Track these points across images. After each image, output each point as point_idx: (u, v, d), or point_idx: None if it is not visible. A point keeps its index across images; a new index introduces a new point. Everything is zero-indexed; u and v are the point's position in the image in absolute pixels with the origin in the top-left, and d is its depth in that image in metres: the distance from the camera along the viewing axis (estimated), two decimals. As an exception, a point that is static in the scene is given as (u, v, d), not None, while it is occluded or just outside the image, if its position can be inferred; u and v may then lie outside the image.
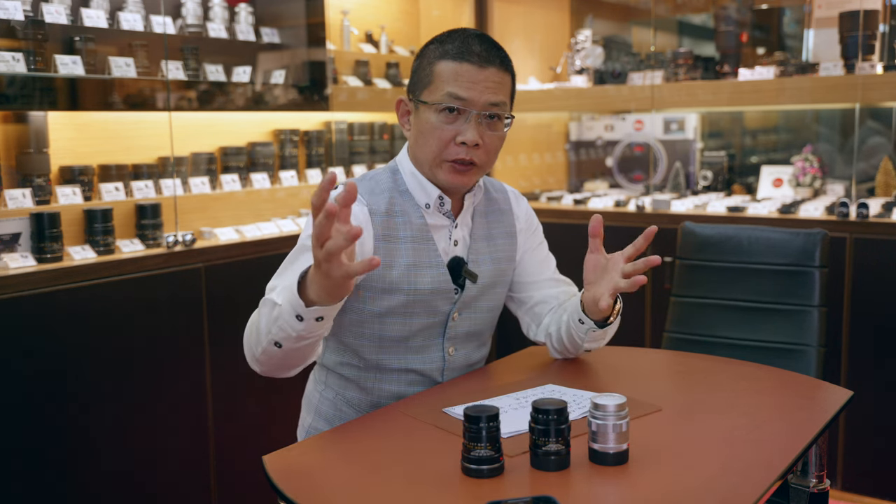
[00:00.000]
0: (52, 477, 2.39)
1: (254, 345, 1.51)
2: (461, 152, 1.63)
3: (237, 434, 2.87)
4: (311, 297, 1.36)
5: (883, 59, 3.32)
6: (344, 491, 1.28)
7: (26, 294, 2.35)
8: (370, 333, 1.70)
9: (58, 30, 2.62)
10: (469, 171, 1.66)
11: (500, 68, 1.65)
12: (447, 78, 1.62)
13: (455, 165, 1.64)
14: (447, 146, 1.63)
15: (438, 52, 1.65)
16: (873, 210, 3.11)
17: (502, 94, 1.65)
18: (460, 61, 1.62)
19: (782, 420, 1.53)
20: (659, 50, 3.93)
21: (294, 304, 1.37)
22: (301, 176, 3.38)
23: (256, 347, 1.50)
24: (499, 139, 1.68)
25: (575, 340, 1.77)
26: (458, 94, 1.61)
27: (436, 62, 1.64)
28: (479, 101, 1.62)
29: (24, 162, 2.57)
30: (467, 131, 1.62)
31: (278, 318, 1.41)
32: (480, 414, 1.26)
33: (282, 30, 3.33)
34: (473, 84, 1.61)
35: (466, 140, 1.62)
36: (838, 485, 3.11)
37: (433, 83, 1.64)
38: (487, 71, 1.63)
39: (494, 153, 1.69)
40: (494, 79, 1.63)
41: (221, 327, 2.81)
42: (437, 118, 1.63)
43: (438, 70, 1.63)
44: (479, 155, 1.65)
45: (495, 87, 1.63)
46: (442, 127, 1.63)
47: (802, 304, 2.16)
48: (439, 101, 1.62)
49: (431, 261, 1.70)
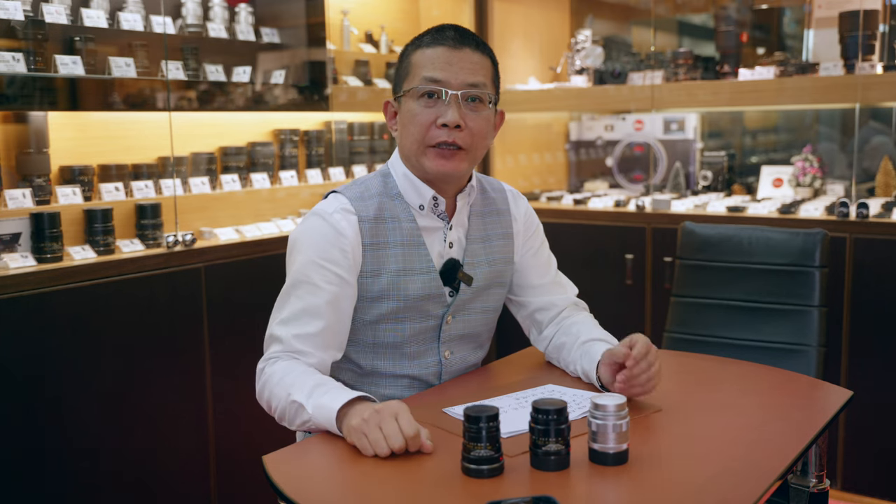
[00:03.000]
0: (52, 477, 2.39)
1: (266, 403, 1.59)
2: (443, 135, 1.63)
3: (237, 434, 2.87)
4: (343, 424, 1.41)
5: (883, 59, 3.32)
6: (344, 491, 1.28)
7: (26, 294, 2.35)
8: (364, 340, 1.70)
9: (58, 30, 2.62)
10: (455, 156, 1.65)
11: (476, 49, 1.66)
12: (423, 63, 1.64)
13: (440, 150, 1.64)
14: (428, 130, 1.63)
15: (414, 45, 1.69)
16: (873, 210, 3.11)
17: (481, 76, 1.65)
18: (434, 46, 1.65)
19: (782, 420, 1.53)
20: (659, 50, 3.93)
21: (329, 425, 1.44)
22: (301, 176, 3.38)
23: (269, 408, 1.58)
24: (483, 121, 1.67)
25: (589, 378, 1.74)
26: (434, 77, 1.62)
27: (412, 53, 1.68)
28: (456, 81, 1.63)
29: (24, 162, 2.57)
30: (447, 112, 1.62)
31: (305, 423, 1.49)
32: (480, 414, 1.26)
33: (282, 30, 3.33)
34: (448, 65, 1.63)
35: (447, 121, 1.62)
36: (838, 485, 3.11)
37: (410, 73, 1.66)
38: (462, 52, 1.64)
39: (481, 137, 1.67)
40: (471, 59, 1.65)
41: (221, 327, 2.81)
42: (417, 104, 1.64)
43: (415, 60, 1.66)
44: (464, 138, 1.64)
45: (472, 67, 1.64)
46: (422, 112, 1.63)
47: (802, 304, 2.16)
48: (417, 85, 1.63)
49: (422, 266, 1.69)
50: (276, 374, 1.55)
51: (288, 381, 1.52)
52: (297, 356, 1.58)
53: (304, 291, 1.61)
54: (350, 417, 1.39)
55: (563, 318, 1.85)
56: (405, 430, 1.33)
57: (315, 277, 1.61)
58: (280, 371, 1.55)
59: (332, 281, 1.61)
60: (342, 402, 1.42)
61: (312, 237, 1.63)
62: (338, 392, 1.46)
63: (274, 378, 1.55)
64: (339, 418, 1.42)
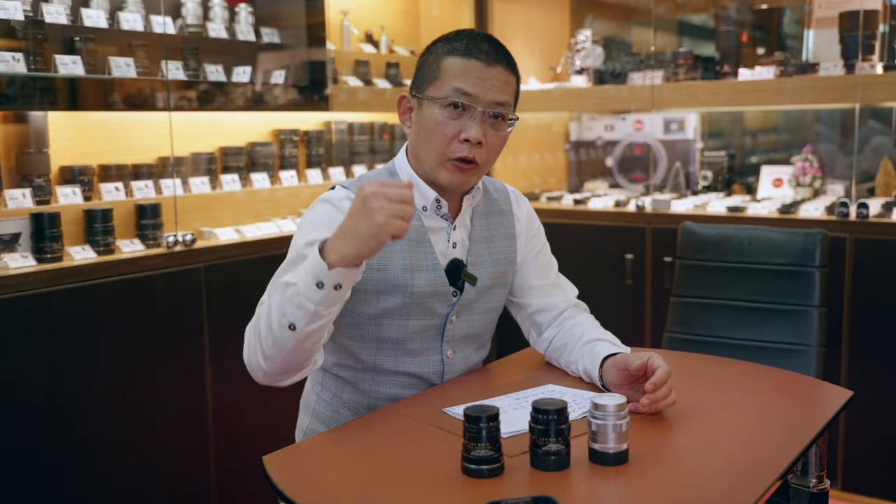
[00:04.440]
0: (52, 477, 2.39)
1: (263, 338, 1.48)
2: (464, 150, 1.62)
3: (237, 434, 2.87)
4: (332, 260, 1.38)
5: (883, 59, 3.32)
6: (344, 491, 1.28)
7: (26, 294, 2.35)
8: (367, 335, 1.70)
9: (58, 30, 2.62)
10: (470, 171, 1.65)
11: (507, 68, 1.65)
12: (455, 73, 1.62)
13: (457, 164, 1.64)
14: (450, 143, 1.63)
15: (447, 49, 1.65)
16: (873, 210, 3.11)
17: (507, 95, 1.65)
18: (468, 58, 1.62)
19: (782, 420, 1.53)
20: (659, 50, 3.93)
21: (315, 270, 1.39)
22: (301, 176, 3.38)
23: (266, 340, 1.47)
24: (501, 140, 1.67)
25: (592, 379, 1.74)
26: (465, 90, 1.61)
27: (443, 58, 1.64)
28: (485, 99, 1.62)
29: (24, 162, 2.57)
30: (471, 128, 1.61)
31: (294, 296, 1.42)
32: (480, 414, 1.26)
33: (282, 30, 3.33)
34: (481, 81, 1.61)
35: (470, 137, 1.61)
36: (838, 485, 3.11)
37: (440, 78, 1.63)
38: (495, 69, 1.63)
39: (495, 154, 1.68)
40: (501, 77, 1.63)
41: (221, 327, 2.81)
42: (442, 113, 1.62)
43: (446, 65, 1.63)
44: (481, 154, 1.64)
45: (501, 87, 1.63)
46: (446, 122, 1.62)
47: (802, 304, 2.16)
48: (445, 95, 1.61)
49: (428, 263, 1.69)
50: (257, 313, 1.51)
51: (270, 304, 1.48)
52: None
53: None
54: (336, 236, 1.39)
55: (563, 319, 1.85)
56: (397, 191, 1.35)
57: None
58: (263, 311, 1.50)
59: None
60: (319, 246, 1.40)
61: (321, 220, 1.62)
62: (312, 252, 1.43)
63: (257, 315, 1.51)
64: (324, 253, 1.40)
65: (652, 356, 1.54)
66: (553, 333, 1.84)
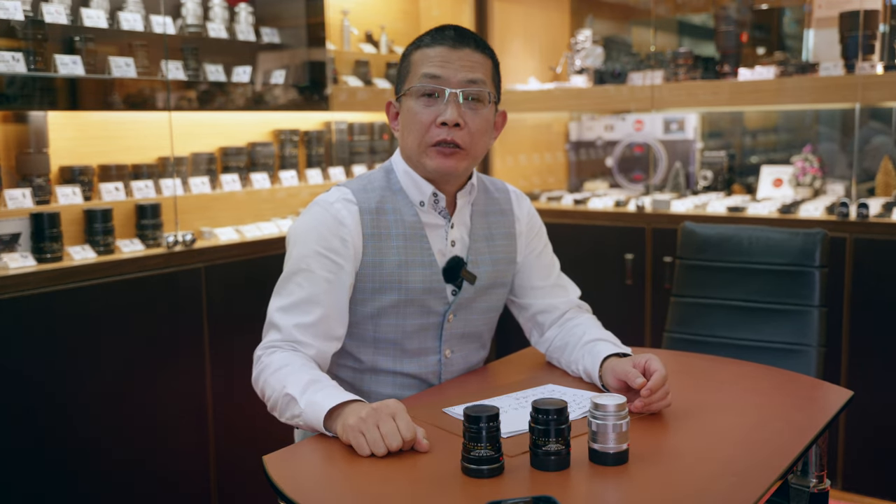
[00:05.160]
0: (52, 477, 2.39)
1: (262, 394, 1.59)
2: (442, 133, 1.64)
3: (237, 434, 2.87)
4: (334, 426, 1.42)
5: (883, 59, 3.32)
6: (344, 491, 1.28)
7: (26, 294, 2.35)
8: (365, 335, 1.70)
9: (58, 30, 2.62)
10: (455, 155, 1.65)
11: (476, 49, 1.67)
12: (422, 62, 1.65)
13: (439, 149, 1.65)
14: (428, 129, 1.64)
15: (414, 45, 1.70)
16: (873, 210, 3.11)
17: (479, 73, 1.66)
18: (434, 45, 1.66)
19: (782, 420, 1.53)
20: (659, 50, 3.93)
21: (315, 425, 1.44)
22: (301, 176, 3.38)
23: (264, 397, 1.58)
24: (482, 121, 1.67)
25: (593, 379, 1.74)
26: (433, 73, 1.63)
27: (412, 53, 1.69)
28: (455, 79, 1.63)
29: (23, 162, 2.57)
30: (446, 111, 1.63)
31: (294, 417, 1.49)
32: (480, 414, 1.26)
33: (282, 30, 3.33)
34: (447, 63, 1.64)
35: (447, 119, 1.62)
36: (838, 485, 3.11)
37: (411, 72, 1.67)
38: (461, 51, 1.65)
39: (480, 136, 1.68)
40: (470, 58, 1.65)
41: (221, 327, 2.81)
42: (417, 103, 1.65)
43: (415, 59, 1.67)
44: (463, 136, 1.64)
45: (471, 66, 1.65)
46: (422, 111, 1.65)
47: (802, 304, 2.16)
48: (416, 84, 1.64)
49: (423, 259, 1.69)
50: (273, 364, 1.55)
51: (284, 372, 1.52)
52: (296, 346, 1.59)
53: (303, 279, 1.62)
54: (346, 416, 1.39)
55: (565, 320, 1.85)
56: (403, 432, 1.33)
57: (315, 266, 1.62)
58: (277, 361, 1.55)
59: (332, 270, 1.62)
60: (335, 402, 1.42)
61: (313, 226, 1.65)
62: (332, 391, 1.46)
63: (270, 367, 1.55)
64: (330, 417, 1.42)
65: (650, 358, 1.54)
66: (555, 334, 1.84)
